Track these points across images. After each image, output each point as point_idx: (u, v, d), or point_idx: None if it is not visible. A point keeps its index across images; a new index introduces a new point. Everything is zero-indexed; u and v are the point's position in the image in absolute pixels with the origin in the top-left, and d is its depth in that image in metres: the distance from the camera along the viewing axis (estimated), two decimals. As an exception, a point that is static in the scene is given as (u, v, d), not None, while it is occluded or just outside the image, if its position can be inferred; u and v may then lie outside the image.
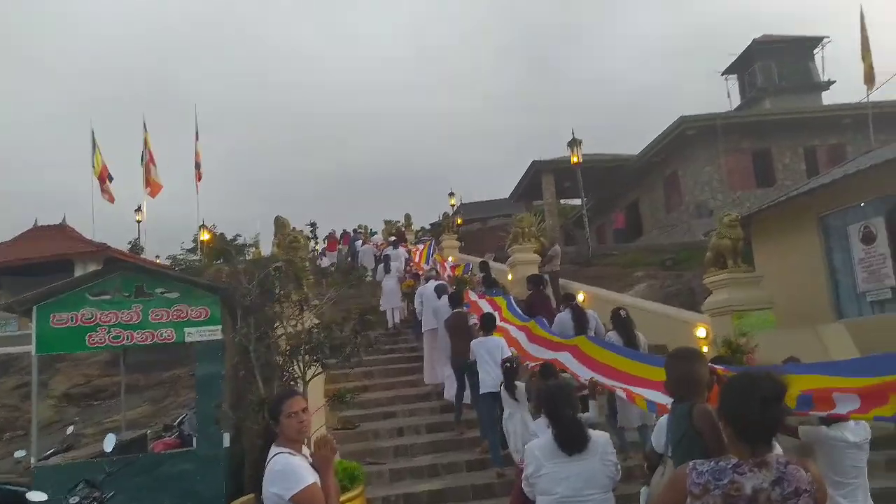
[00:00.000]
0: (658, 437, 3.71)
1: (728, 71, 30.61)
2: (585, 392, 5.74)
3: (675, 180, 25.27)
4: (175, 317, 7.87)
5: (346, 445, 8.88)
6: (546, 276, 14.00)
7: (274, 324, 5.18)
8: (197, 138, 27.82)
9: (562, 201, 33.01)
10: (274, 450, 3.36)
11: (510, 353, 7.74)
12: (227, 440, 7.68)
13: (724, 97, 37.75)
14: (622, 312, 8.22)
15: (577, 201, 35.75)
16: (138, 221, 27.63)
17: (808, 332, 9.82)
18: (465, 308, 9.91)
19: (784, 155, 23.71)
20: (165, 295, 7.93)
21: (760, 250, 11.88)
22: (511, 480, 7.03)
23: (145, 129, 26.50)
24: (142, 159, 26.38)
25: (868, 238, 10.57)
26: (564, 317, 9.28)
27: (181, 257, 23.12)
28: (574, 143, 21.51)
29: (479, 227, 34.15)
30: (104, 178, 23.71)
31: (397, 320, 14.76)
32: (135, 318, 7.82)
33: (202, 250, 22.46)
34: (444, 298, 10.19)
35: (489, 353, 7.99)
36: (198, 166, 27.29)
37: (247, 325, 5.11)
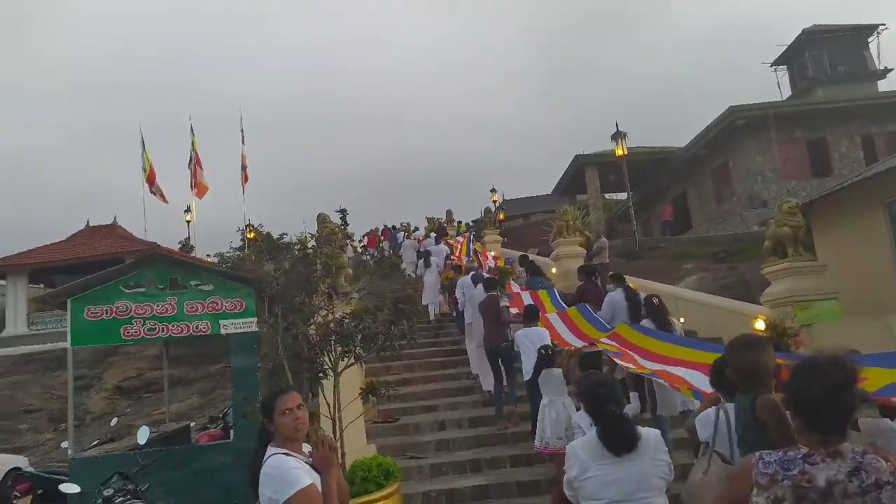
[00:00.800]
0: (703, 428, 3.49)
1: (777, 62, 29.41)
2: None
3: (725, 171, 24.23)
4: (210, 309, 7.62)
5: (386, 439, 8.53)
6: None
7: (304, 314, 4.77)
8: (243, 141, 27.93)
9: (606, 196, 32.11)
10: (269, 450, 3.05)
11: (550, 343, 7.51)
12: (263, 433, 7.38)
13: (773, 89, 36.10)
14: (654, 300, 7.87)
15: (622, 196, 34.88)
16: (188, 221, 27.87)
17: (876, 322, 9.06)
18: (499, 294, 9.69)
19: (840, 144, 22.48)
20: (200, 287, 7.68)
21: (822, 239, 11.06)
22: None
23: (192, 132, 26.72)
24: (189, 161, 26.62)
25: (940, 223, 9.69)
26: (617, 297, 8.80)
27: (228, 255, 23.18)
28: (619, 136, 20.77)
29: (521, 223, 33.57)
30: (153, 178, 23.96)
31: (437, 312, 14.55)
32: (170, 310, 7.60)
33: (249, 249, 22.52)
34: (480, 287, 9.99)
35: (531, 342, 7.74)
36: (244, 168, 27.39)
37: (274, 315, 4.74)
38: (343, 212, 5.07)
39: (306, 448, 3.18)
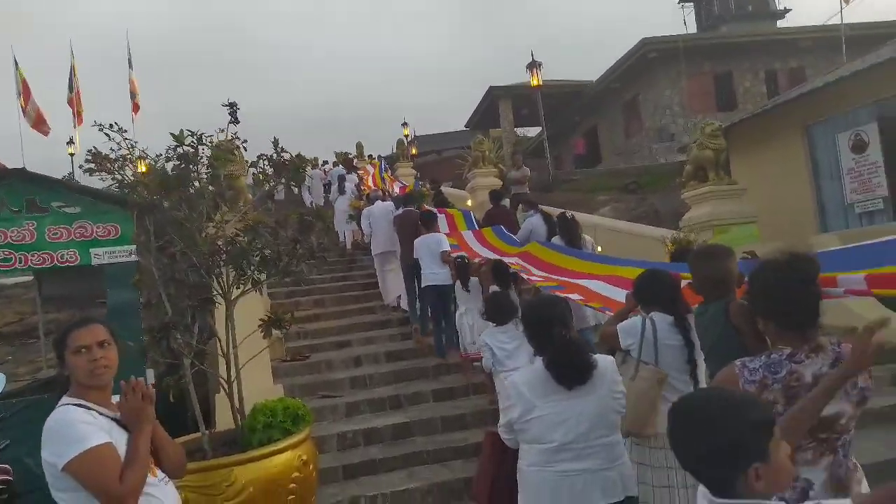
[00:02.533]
0: (627, 336, 3.32)
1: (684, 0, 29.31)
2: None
3: (634, 106, 24.10)
4: (78, 235, 6.36)
5: (295, 378, 7.66)
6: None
7: (185, 230, 3.74)
8: (130, 66, 25.14)
9: (518, 131, 31.57)
10: (63, 400, 2.30)
11: (450, 248, 7.61)
12: (151, 377, 6.32)
13: (681, 27, 36.28)
14: (568, 214, 7.94)
15: (534, 131, 34.52)
16: (71, 154, 25.11)
17: (798, 245, 8.91)
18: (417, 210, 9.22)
19: (745, 78, 22.67)
20: (65, 210, 6.37)
21: (740, 164, 10.82)
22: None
23: (73, 55, 23.76)
24: (70, 88, 23.77)
25: (859, 146, 9.58)
26: (535, 220, 8.66)
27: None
28: (534, 65, 20.00)
29: (434, 158, 32.60)
30: (27, 95, 21.11)
31: (348, 243, 13.87)
32: (28, 236, 6.26)
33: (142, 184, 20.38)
34: (378, 203, 9.86)
35: (429, 249, 7.72)
36: (133, 96, 24.75)
37: (145, 231, 3.69)
38: (231, 106, 3.97)
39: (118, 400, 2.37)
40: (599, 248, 8.52)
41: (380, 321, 9.58)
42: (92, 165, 3.64)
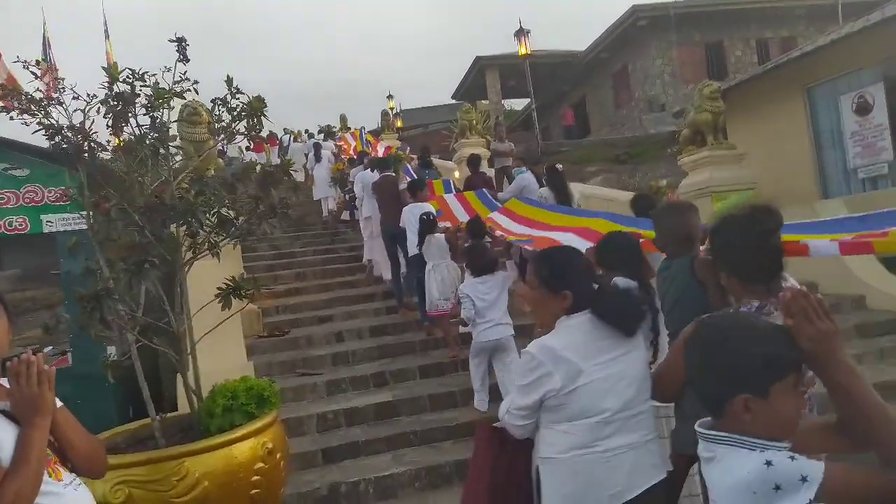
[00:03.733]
0: None
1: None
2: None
3: (624, 75, 23.47)
4: (27, 200, 5.75)
5: (274, 355, 7.12)
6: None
7: (124, 184, 3.15)
8: (107, 37, 24.06)
9: (505, 104, 30.84)
10: None
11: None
12: (112, 354, 5.76)
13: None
14: (558, 166, 7.93)
15: (521, 103, 33.79)
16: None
17: (802, 210, 8.44)
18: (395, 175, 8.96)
19: (736, 47, 22.12)
20: (11, 172, 5.76)
21: (738, 129, 10.28)
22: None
23: (45, 26, 22.71)
24: (45, 59, 22.76)
25: (863, 108, 9.07)
26: (528, 176, 8.50)
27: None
28: (521, 33, 19.30)
29: (420, 131, 31.83)
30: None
31: (332, 207, 13.27)
32: (-29, 201, 5.65)
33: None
34: (376, 172, 9.06)
35: (415, 217, 7.33)
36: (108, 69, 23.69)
37: (76, 182, 3.09)
38: (179, 41, 3.33)
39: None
40: (581, 205, 8.45)
41: (364, 295, 9.03)
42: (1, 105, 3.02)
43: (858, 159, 9.18)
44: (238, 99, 3.46)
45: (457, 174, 15.34)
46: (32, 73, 3.35)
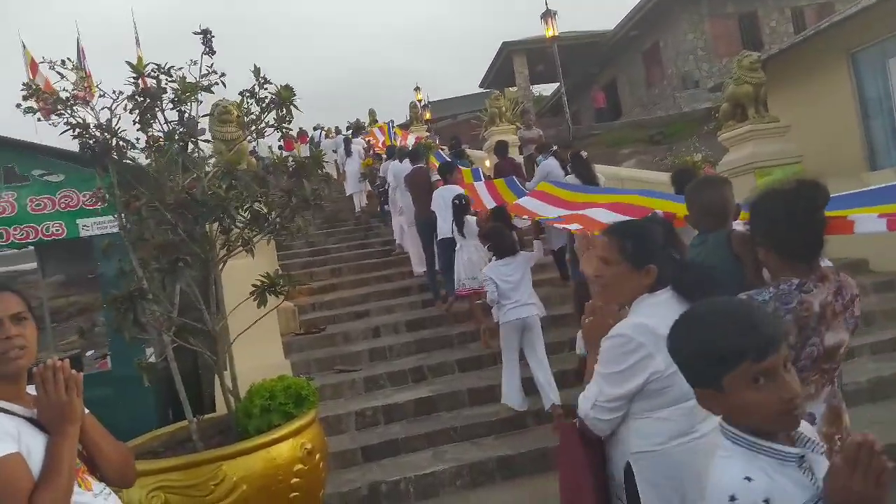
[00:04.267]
0: None
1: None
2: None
3: (655, 53, 22.92)
4: (63, 205, 5.80)
5: (311, 352, 7.09)
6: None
7: (155, 181, 3.09)
8: (138, 45, 24.46)
9: (534, 89, 30.45)
10: None
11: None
12: (150, 355, 5.79)
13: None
14: (583, 153, 7.93)
15: (550, 88, 33.34)
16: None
17: (849, 182, 8.07)
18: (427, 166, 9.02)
19: (770, 17, 21.40)
20: (47, 178, 5.81)
21: (778, 99, 9.86)
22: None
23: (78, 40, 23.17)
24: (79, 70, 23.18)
25: (913, 71, 8.62)
26: (552, 162, 8.50)
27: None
28: (548, 15, 18.91)
29: (449, 122, 31.63)
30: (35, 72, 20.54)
31: (364, 203, 13.38)
32: (9, 209, 5.73)
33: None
34: (406, 162, 9.08)
35: (445, 200, 7.41)
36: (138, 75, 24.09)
37: (107, 181, 3.05)
38: (205, 32, 3.25)
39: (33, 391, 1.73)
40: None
41: (400, 289, 8.95)
42: (32, 104, 2.98)
43: (910, 127, 8.76)
44: (266, 89, 3.37)
45: (487, 163, 15.17)
46: (59, 73, 3.32)
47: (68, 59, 3.32)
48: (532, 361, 5.38)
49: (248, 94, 3.51)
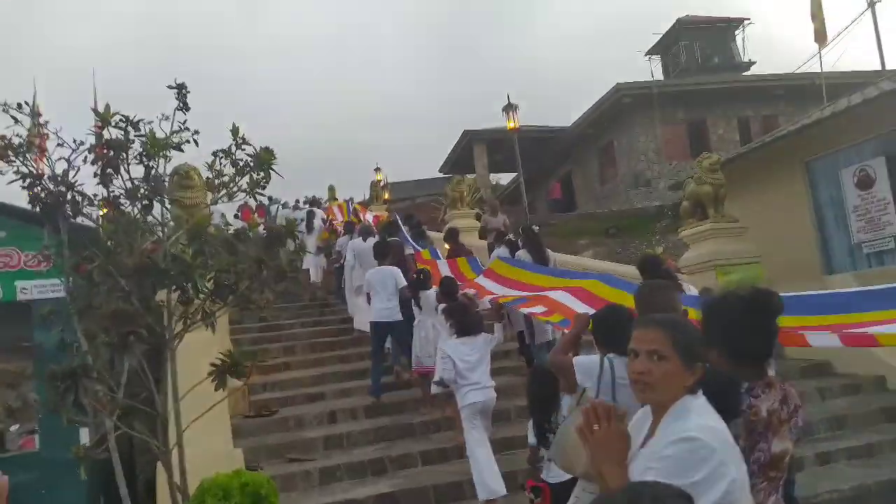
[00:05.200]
0: (585, 376, 3.08)
1: (652, 52, 29.57)
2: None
3: (610, 151, 23.74)
4: (1, 265, 5.25)
5: (261, 438, 6.50)
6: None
7: (107, 246, 2.71)
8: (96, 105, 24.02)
9: (492, 178, 31.01)
10: None
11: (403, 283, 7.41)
12: (85, 436, 5.15)
13: (649, 79, 36.91)
14: (535, 227, 8.40)
15: (507, 178, 34.03)
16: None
17: (809, 285, 8.16)
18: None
19: (718, 125, 22.52)
20: (-13, 233, 5.28)
21: (736, 201, 10.08)
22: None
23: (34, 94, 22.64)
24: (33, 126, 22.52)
25: (865, 183, 8.96)
26: (501, 251, 8.70)
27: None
28: (510, 108, 19.44)
29: (408, 204, 31.76)
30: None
31: (316, 280, 13.05)
32: (-62, 266, 5.13)
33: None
34: (369, 240, 9.06)
35: (382, 282, 7.37)
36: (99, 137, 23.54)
37: (55, 242, 2.65)
38: (180, 87, 2.98)
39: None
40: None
41: (357, 370, 8.45)
42: (-22, 150, 2.60)
43: (862, 234, 8.99)
44: (244, 150, 3.07)
45: (447, 246, 15.04)
46: (13, 117, 2.96)
47: (25, 102, 2.98)
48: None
49: (222, 155, 3.21)
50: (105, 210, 2.86)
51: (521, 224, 19.08)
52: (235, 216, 18.31)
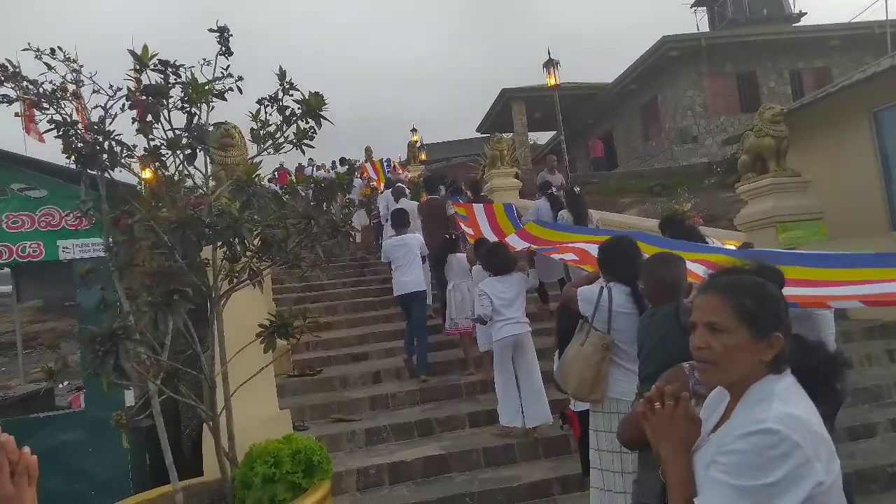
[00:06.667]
0: (586, 304, 3.36)
1: (697, 3, 28.20)
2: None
3: (653, 107, 22.84)
4: (43, 224, 5.14)
5: (305, 397, 6.41)
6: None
7: (149, 199, 2.49)
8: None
9: (529, 137, 30.32)
10: None
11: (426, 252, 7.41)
12: (130, 398, 5.08)
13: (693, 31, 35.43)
14: (576, 189, 8.24)
15: (546, 136, 33.29)
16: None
17: (864, 244, 7.66)
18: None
19: (769, 78, 21.44)
20: (27, 193, 5.16)
21: (798, 155, 9.51)
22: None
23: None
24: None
25: (938, 132, 8.30)
26: (542, 204, 8.80)
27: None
28: (551, 64, 18.73)
29: (444, 164, 31.38)
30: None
31: (358, 238, 12.95)
32: (-19, 225, 5.05)
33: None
34: (403, 201, 9.06)
35: (402, 252, 7.12)
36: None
37: (91, 195, 2.45)
38: (222, 30, 2.71)
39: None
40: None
41: (401, 330, 8.28)
42: (9, 91, 2.39)
43: (934, 188, 8.40)
44: (291, 96, 2.81)
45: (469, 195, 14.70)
46: (46, 63, 2.74)
47: (59, 48, 2.75)
48: (523, 380, 5.37)
49: (268, 102, 2.95)
50: (143, 165, 2.63)
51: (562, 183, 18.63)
52: (270, 181, 18.29)
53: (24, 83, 2.47)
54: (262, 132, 3.04)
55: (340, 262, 12.36)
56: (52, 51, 2.74)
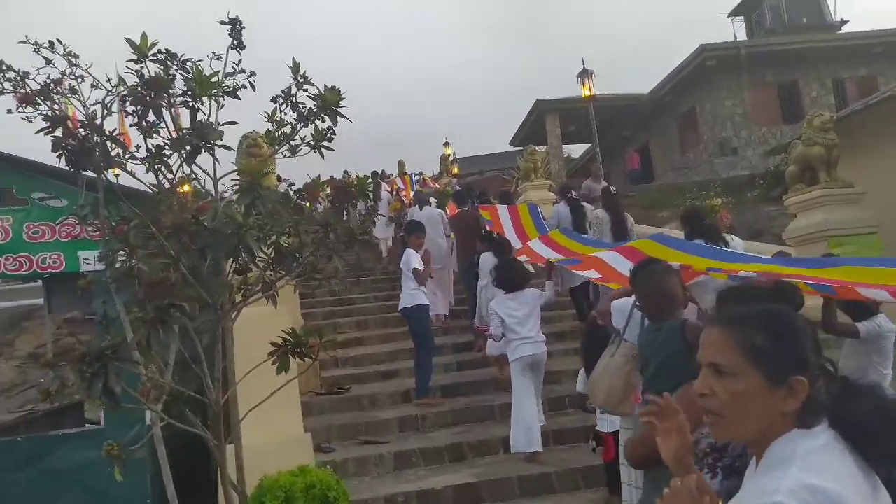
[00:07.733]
0: (618, 316, 3.27)
1: (735, 13, 27.52)
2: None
3: (691, 118, 22.23)
4: (63, 234, 4.96)
5: (332, 416, 6.11)
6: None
7: (153, 205, 2.23)
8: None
9: (564, 150, 29.88)
10: None
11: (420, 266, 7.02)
12: (148, 416, 4.85)
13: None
14: (613, 188, 8.34)
15: (580, 149, 32.79)
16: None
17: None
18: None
19: (811, 88, 20.71)
20: (48, 202, 5.00)
21: (850, 165, 8.96)
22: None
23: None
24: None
25: None
26: (562, 208, 8.64)
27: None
28: (585, 74, 18.38)
29: (476, 178, 31.13)
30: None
31: (389, 246, 12.93)
32: (2, 235, 4.90)
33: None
34: (426, 209, 9.13)
35: (405, 265, 6.90)
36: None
37: (89, 200, 2.20)
38: (234, 22, 2.46)
39: None
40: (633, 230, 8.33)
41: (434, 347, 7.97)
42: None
43: None
44: (306, 91, 2.53)
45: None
46: (44, 57, 2.51)
47: (58, 40, 2.52)
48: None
49: (282, 98, 2.68)
50: (147, 167, 2.38)
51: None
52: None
53: (12, 74, 2.24)
54: (277, 132, 2.77)
55: (371, 276, 12.12)
56: (51, 44, 2.51)
